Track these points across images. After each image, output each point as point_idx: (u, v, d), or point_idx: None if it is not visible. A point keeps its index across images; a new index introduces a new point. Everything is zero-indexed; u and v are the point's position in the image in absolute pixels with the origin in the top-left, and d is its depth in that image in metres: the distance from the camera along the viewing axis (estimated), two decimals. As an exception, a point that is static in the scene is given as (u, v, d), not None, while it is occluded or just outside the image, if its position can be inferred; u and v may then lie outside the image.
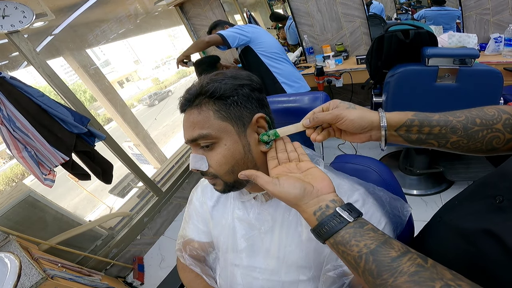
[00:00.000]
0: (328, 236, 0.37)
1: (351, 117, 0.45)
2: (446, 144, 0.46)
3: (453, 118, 0.45)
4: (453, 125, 0.45)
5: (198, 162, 0.50)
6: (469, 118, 0.44)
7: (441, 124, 0.45)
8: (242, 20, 2.61)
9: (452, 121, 0.45)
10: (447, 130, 0.45)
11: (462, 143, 0.45)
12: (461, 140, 0.45)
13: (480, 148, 0.45)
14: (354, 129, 0.46)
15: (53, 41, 2.08)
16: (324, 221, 0.38)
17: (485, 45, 1.65)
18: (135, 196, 2.44)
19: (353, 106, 0.47)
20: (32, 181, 2.55)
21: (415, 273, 0.31)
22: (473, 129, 0.44)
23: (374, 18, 2.01)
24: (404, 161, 1.88)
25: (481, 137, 0.44)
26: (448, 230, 0.45)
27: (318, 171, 0.45)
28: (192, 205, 0.74)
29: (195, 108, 0.49)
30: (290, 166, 0.48)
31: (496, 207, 0.36)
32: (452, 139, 0.45)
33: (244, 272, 0.62)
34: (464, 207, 0.45)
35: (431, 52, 1.18)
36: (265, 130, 0.52)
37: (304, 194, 0.40)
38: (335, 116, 0.45)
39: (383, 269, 0.33)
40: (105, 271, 1.80)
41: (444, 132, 0.45)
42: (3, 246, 1.27)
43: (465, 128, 0.44)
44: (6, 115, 1.30)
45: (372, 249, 0.34)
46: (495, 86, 1.15)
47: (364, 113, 0.46)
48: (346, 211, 0.38)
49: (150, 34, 3.10)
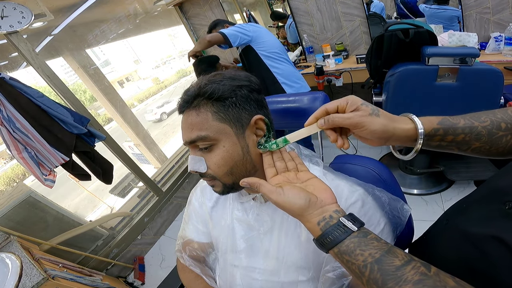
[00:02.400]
0: (332, 245, 0.37)
1: (373, 127, 0.40)
2: (467, 150, 0.43)
3: (478, 124, 0.42)
4: (478, 132, 0.41)
5: (197, 163, 0.50)
6: (494, 122, 0.41)
7: (466, 131, 0.42)
8: (241, 20, 2.60)
9: (477, 127, 0.41)
10: (471, 137, 0.42)
11: (483, 149, 0.42)
12: (484, 146, 0.42)
13: (502, 153, 0.42)
14: (372, 139, 0.42)
15: (53, 41, 2.08)
16: (328, 231, 0.38)
17: (485, 44, 1.64)
18: (135, 196, 2.45)
19: (376, 112, 0.41)
20: (32, 182, 2.55)
21: (418, 282, 0.31)
22: (497, 134, 0.41)
23: (374, 17, 2.01)
24: (404, 161, 1.87)
25: (505, 142, 0.41)
26: (455, 234, 0.44)
27: (319, 182, 0.44)
28: (191, 205, 0.74)
29: (193, 109, 0.49)
30: (290, 175, 0.47)
31: (506, 213, 0.36)
32: (474, 146, 0.42)
33: (243, 272, 0.62)
34: (473, 211, 0.44)
35: (431, 51, 1.18)
36: (263, 132, 0.52)
37: (309, 205, 0.40)
38: (355, 123, 0.41)
39: (388, 278, 0.33)
40: (106, 271, 1.81)
41: (467, 140, 0.42)
42: (4, 246, 1.28)
43: (490, 134, 0.41)
44: (6, 116, 1.30)
45: (377, 258, 0.34)
46: (496, 85, 1.15)
47: (388, 124, 0.41)
48: (349, 221, 0.38)
49: (149, 34, 3.09)
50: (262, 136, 0.52)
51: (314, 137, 2.61)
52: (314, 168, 0.60)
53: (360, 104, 0.41)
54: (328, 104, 0.43)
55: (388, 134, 0.41)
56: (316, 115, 0.44)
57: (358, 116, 0.40)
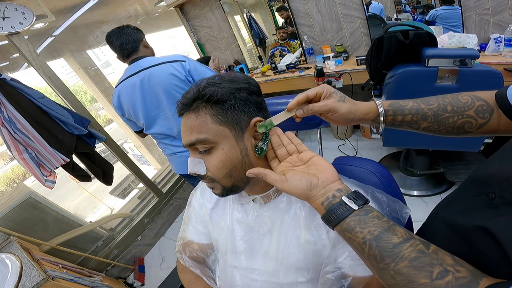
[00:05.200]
0: (335, 223, 0.39)
1: (341, 111, 0.48)
2: (418, 129, 0.51)
3: (425, 106, 0.49)
4: (424, 113, 0.49)
5: (196, 166, 0.50)
6: (441, 105, 0.48)
7: (412, 112, 0.49)
8: (242, 21, 2.61)
9: (423, 109, 0.49)
10: (418, 118, 0.49)
11: (433, 128, 0.50)
12: (432, 125, 0.49)
13: (452, 131, 0.49)
14: (340, 121, 0.50)
15: (54, 42, 2.08)
16: (331, 210, 0.40)
17: (485, 46, 1.64)
18: (135, 197, 2.45)
19: (343, 99, 0.50)
20: (33, 182, 2.56)
21: (415, 259, 0.33)
22: (443, 115, 0.48)
23: (374, 18, 2.01)
24: (404, 162, 1.87)
25: (452, 122, 0.48)
26: (444, 226, 0.45)
27: (321, 160, 0.46)
28: (191, 207, 0.74)
29: (192, 112, 0.49)
30: (292, 159, 0.49)
31: (489, 203, 0.37)
32: (423, 125, 0.50)
33: (243, 273, 0.62)
34: (458, 203, 0.46)
35: (431, 53, 1.18)
36: (261, 135, 0.52)
37: (311, 188, 0.42)
38: (329, 109, 0.48)
39: (385, 254, 0.35)
40: (106, 272, 1.81)
41: (415, 120, 0.49)
42: (4, 247, 1.28)
43: (436, 115, 0.48)
44: (6, 116, 1.31)
45: (375, 236, 0.36)
46: (495, 86, 1.13)
47: (352, 107, 0.49)
48: (351, 199, 0.40)
49: (150, 35, 3.10)
50: (260, 139, 0.52)
51: (314, 138, 2.60)
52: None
53: (332, 92, 0.50)
54: (309, 91, 0.50)
55: (351, 116, 0.49)
56: (298, 100, 0.49)
57: (331, 102, 0.48)
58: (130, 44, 1.20)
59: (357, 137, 2.55)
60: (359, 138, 2.53)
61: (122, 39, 1.19)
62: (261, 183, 0.57)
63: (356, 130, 2.61)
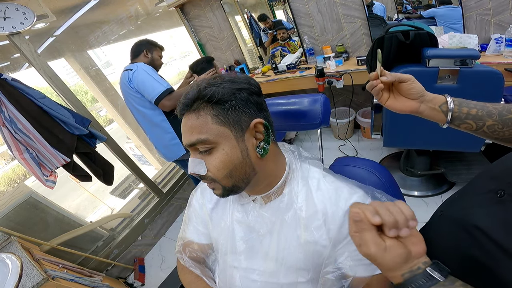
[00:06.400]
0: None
1: (418, 86, 0.54)
2: (483, 126, 0.50)
3: (490, 105, 0.51)
4: (489, 110, 0.50)
5: (197, 166, 0.50)
6: (506, 107, 0.49)
7: (478, 107, 0.50)
8: (242, 21, 2.61)
9: (488, 107, 0.50)
10: (483, 114, 0.50)
11: (497, 128, 0.49)
12: (497, 124, 0.49)
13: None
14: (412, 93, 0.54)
15: (54, 42, 2.08)
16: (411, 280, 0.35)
17: (486, 46, 1.64)
18: (136, 197, 2.45)
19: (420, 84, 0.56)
20: (33, 182, 2.56)
21: None
22: (507, 116, 0.48)
23: (375, 19, 2.01)
24: (405, 162, 1.87)
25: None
26: (450, 224, 0.45)
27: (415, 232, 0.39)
28: (191, 207, 0.74)
29: (193, 112, 0.49)
30: None
31: (497, 200, 0.37)
32: (488, 123, 0.49)
33: (243, 274, 0.62)
34: (466, 200, 0.46)
35: (431, 53, 1.18)
36: (262, 136, 0.52)
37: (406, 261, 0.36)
38: (409, 77, 0.53)
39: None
40: (106, 272, 1.81)
41: (480, 115, 0.50)
42: (5, 247, 1.28)
43: (500, 114, 0.49)
44: (7, 116, 1.31)
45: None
46: (496, 87, 1.14)
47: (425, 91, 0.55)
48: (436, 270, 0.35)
49: (151, 36, 3.10)
50: (261, 139, 0.52)
51: (314, 139, 2.60)
52: (314, 170, 0.60)
53: None
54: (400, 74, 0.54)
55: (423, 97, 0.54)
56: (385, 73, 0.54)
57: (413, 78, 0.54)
58: (133, 51, 1.66)
59: (357, 137, 2.55)
60: (359, 138, 2.53)
61: (132, 47, 1.66)
62: (261, 183, 0.57)
63: (357, 130, 2.61)
